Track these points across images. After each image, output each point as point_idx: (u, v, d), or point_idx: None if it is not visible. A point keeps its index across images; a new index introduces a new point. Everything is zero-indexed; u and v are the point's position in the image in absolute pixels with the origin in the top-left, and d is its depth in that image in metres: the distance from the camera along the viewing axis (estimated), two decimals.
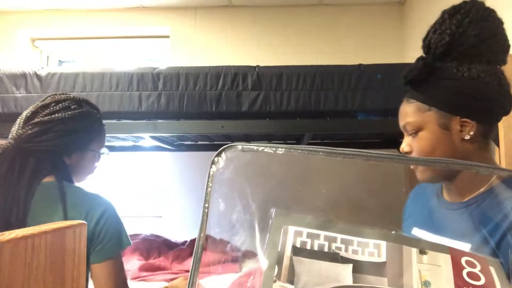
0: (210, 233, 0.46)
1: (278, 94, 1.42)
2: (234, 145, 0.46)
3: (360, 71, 1.42)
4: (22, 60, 2.68)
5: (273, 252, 0.42)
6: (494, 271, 0.42)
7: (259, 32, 2.66)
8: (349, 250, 0.43)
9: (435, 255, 0.43)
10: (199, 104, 1.42)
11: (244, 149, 0.45)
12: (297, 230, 0.44)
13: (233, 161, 0.46)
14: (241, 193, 0.46)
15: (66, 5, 2.63)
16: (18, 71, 1.47)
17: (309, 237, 0.43)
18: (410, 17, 2.52)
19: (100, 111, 1.02)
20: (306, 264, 0.41)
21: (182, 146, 2.27)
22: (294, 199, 0.47)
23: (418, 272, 0.42)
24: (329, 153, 0.44)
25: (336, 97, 1.41)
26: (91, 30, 2.72)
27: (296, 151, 0.44)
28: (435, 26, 0.73)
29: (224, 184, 0.46)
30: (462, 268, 0.42)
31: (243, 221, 0.45)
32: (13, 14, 2.68)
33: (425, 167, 0.73)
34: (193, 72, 1.44)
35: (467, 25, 0.69)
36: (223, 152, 0.46)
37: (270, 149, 0.45)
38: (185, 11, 2.68)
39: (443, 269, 0.42)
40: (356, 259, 0.42)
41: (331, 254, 0.43)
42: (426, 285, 0.41)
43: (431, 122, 0.72)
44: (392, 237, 0.45)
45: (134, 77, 1.44)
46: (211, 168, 0.46)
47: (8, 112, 1.45)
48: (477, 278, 0.41)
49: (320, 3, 2.65)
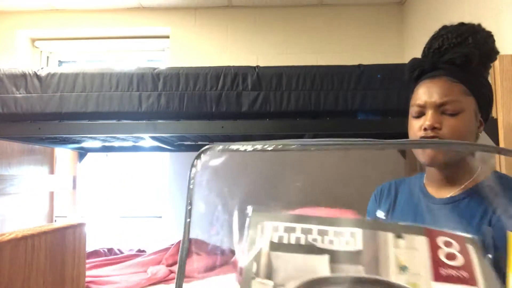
0: (197, 236, 0.48)
1: (278, 94, 1.42)
2: (213, 146, 0.47)
3: (360, 71, 1.42)
4: (22, 60, 2.68)
5: (252, 249, 0.43)
6: (473, 249, 0.43)
7: (259, 32, 2.66)
8: (325, 240, 0.43)
9: (411, 238, 0.43)
10: (199, 104, 1.42)
11: (223, 149, 0.46)
12: (274, 225, 0.44)
13: (213, 162, 0.47)
14: (222, 193, 0.47)
15: (66, 5, 2.63)
16: (18, 71, 1.47)
17: (286, 231, 0.44)
18: (410, 17, 2.52)
19: None
20: (283, 258, 0.42)
21: (182, 146, 2.27)
22: (273, 194, 0.48)
23: (394, 257, 0.42)
24: (301, 146, 0.45)
25: (336, 97, 1.41)
26: (91, 30, 2.72)
27: (270, 147, 0.44)
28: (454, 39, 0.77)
29: (205, 185, 0.47)
30: (438, 249, 0.42)
31: (224, 221, 0.46)
32: (13, 14, 2.68)
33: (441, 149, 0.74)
34: (193, 73, 1.44)
35: (491, 41, 0.79)
36: (202, 154, 0.47)
37: (246, 148, 0.45)
38: (185, 11, 2.68)
39: (420, 252, 0.42)
40: (332, 249, 0.43)
41: (308, 246, 0.43)
42: (403, 270, 0.41)
43: (471, 108, 0.75)
44: (368, 224, 0.45)
45: (134, 77, 1.44)
46: (191, 170, 0.47)
47: (8, 112, 1.45)
48: (454, 258, 0.42)
49: (320, 3, 2.65)
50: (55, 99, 1.44)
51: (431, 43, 0.80)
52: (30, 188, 2.02)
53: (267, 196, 0.47)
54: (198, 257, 1.94)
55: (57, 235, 0.73)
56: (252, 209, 0.46)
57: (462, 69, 0.75)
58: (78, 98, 1.44)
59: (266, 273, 0.41)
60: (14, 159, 1.95)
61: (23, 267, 0.58)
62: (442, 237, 0.43)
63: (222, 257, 1.83)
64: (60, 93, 1.44)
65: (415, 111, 0.78)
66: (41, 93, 1.45)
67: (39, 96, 1.45)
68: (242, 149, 0.45)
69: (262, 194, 0.48)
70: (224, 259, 1.76)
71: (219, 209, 0.47)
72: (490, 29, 0.81)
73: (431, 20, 2.20)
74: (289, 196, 0.50)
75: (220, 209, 0.47)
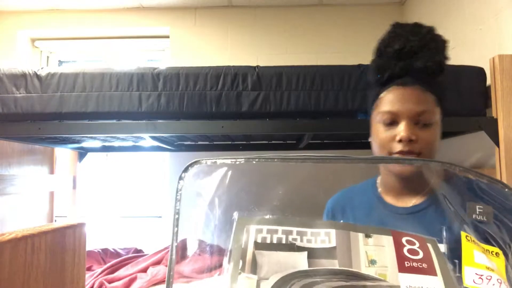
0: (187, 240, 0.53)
1: (278, 94, 1.42)
2: (199, 160, 0.52)
3: (360, 71, 1.42)
4: (22, 60, 2.68)
5: (238, 249, 0.47)
6: (431, 247, 0.49)
7: (259, 32, 2.66)
8: (304, 240, 0.48)
9: (379, 237, 0.49)
10: (199, 104, 1.42)
11: (208, 163, 0.51)
12: (258, 228, 0.49)
13: (199, 175, 0.52)
14: (209, 202, 0.52)
15: (66, 5, 2.63)
16: (18, 71, 1.47)
17: (269, 232, 0.49)
18: (410, 17, 2.52)
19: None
20: (266, 255, 0.47)
21: (182, 146, 2.27)
22: (256, 202, 0.52)
23: (365, 252, 0.47)
24: (282, 159, 0.50)
25: (336, 97, 1.41)
26: (91, 30, 2.72)
27: (253, 161, 0.50)
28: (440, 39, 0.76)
29: (193, 196, 0.52)
30: (403, 246, 0.48)
31: (213, 227, 0.52)
32: (13, 14, 2.68)
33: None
34: (193, 72, 1.44)
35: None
36: (190, 168, 0.52)
37: (230, 161, 0.50)
38: (185, 11, 2.68)
39: (387, 249, 0.48)
40: (310, 246, 0.48)
41: (288, 245, 0.48)
42: (372, 263, 0.46)
43: (439, 119, 0.75)
44: (340, 225, 0.50)
45: (134, 77, 1.44)
46: (178, 183, 0.52)
47: (8, 112, 1.45)
48: (416, 253, 0.47)
49: (320, 3, 2.65)
50: (55, 99, 1.44)
51: (389, 42, 0.76)
52: (30, 188, 2.02)
53: (252, 203, 0.52)
54: (198, 257, 1.94)
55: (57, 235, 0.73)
56: (237, 214, 0.50)
57: (432, 78, 0.74)
58: (78, 98, 1.44)
59: (251, 268, 0.45)
60: (14, 159, 1.94)
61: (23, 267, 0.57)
62: (406, 237, 0.49)
63: (222, 257, 1.83)
64: (60, 93, 1.44)
65: (385, 118, 0.74)
66: (41, 93, 1.45)
67: (39, 96, 1.45)
68: (228, 163, 0.50)
69: (247, 202, 0.53)
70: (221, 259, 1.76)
71: (208, 216, 0.51)
72: (490, 29, 0.81)
73: (431, 20, 2.20)
74: (272, 202, 0.53)
75: (209, 216, 0.51)
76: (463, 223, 0.55)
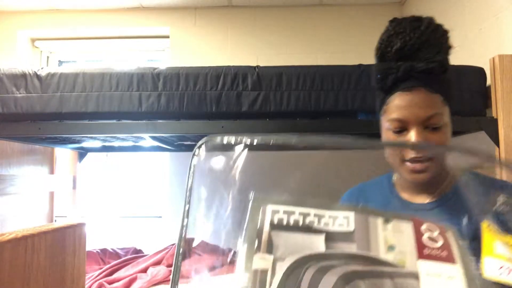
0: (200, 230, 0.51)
1: (278, 94, 1.42)
2: (214, 136, 0.49)
3: (360, 71, 1.42)
4: (22, 60, 2.68)
5: (253, 229, 0.46)
6: (451, 235, 0.48)
7: (259, 32, 2.66)
8: (321, 222, 0.47)
9: (398, 223, 0.48)
10: (199, 104, 1.42)
11: (223, 140, 0.48)
12: (274, 209, 0.48)
13: (214, 152, 0.49)
14: (222, 181, 0.49)
15: (66, 5, 2.63)
16: (18, 71, 1.47)
17: (285, 213, 0.47)
18: None
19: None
20: (283, 236, 0.45)
21: (182, 146, 2.27)
22: (271, 183, 0.50)
23: (383, 238, 0.46)
24: (300, 141, 0.49)
25: (336, 97, 1.41)
26: (91, 30, 2.72)
27: (271, 140, 0.48)
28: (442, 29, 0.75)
29: (206, 174, 0.49)
30: (422, 233, 0.47)
31: (226, 208, 0.49)
32: (13, 14, 2.68)
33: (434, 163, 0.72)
34: (193, 72, 1.44)
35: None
36: (204, 144, 0.49)
37: (246, 139, 0.48)
38: (185, 11, 2.68)
39: (406, 235, 0.47)
40: (328, 229, 0.47)
41: (305, 227, 0.46)
42: (391, 249, 0.45)
43: (449, 118, 0.73)
44: (359, 209, 0.49)
45: (134, 77, 1.44)
46: (192, 159, 0.49)
47: (8, 112, 1.45)
48: (435, 240, 0.47)
49: (320, 3, 2.65)
50: (55, 99, 1.44)
51: (389, 41, 0.74)
52: (30, 188, 2.02)
53: (268, 184, 0.50)
54: (199, 257, 1.94)
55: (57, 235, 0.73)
56: (253, 194, 0.49)
57: (437, 77, 0.72)
58: (78, 98, 1.44)
59: (267, 248, 0.44)
60: (14, 159, 1.94)
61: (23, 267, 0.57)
62: (425, 224, 0.48)
63: (222, 257, 1.83)
64: (60, 93, 1.44)
65: (394, 126, 0.73)
66: (41, 93, 1.45)
67: (39, 96, 1.45)
68: (244, 140, 0.48)
69: (263, 182, 0.51)
70: (225, 259, 1.76)
71: (222, 199, 0.49)
72: (490, 29, 0.80)
73: None
74: (289, 185, 0.53)
75: (222, 196, 0.49)
76: (484, 214, 0.54)
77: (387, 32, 0.76)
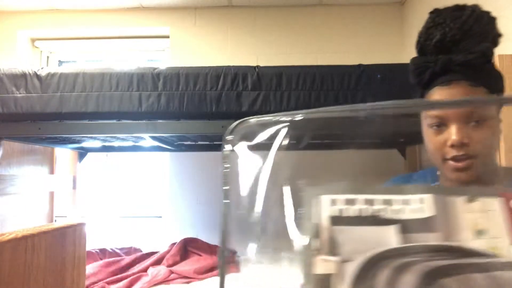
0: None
1: (278, 94, 1.42)
2: (247, 119, 0.43)
3: (360, 71, 1.42)
4: (22, 60, 2.68)
5: (309, 225, 0.39)
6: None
7: (259, 32, 2.66)
8: (391, 210, 0.40)
9: (485, 201, 0.39)
10: (199, 104, 1.42)
11: (259, 122, 0.41)
12: (332, 199, 0.40)
13: (248, 137, 0.42)
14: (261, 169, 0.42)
15: (66, 5, 2.63)
16: (18, 71, 1.47)
17: (345, 203, 0.40)
18: (410, 17, 2.52)
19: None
20: (347, 232, 0.38)
21: (182, 146, 2.27)
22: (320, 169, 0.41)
23: (469, 221, 0.38)
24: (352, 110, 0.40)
25: (336, 97, 1.41)
26: (91, 30, 2.72)
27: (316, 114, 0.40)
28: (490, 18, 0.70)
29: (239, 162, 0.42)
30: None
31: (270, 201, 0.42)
32: (13, 14, 2.68)
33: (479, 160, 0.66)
34: (193, 72, 1.44)
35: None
36: (236, 128, 0.43)
37: (286, 117, 0.41)
38: (185, 11, 2.68)
39: (496, 214, 0.38)
40: (400, 218, 0.39)
41: (372, 217, 0.39)
42: (480, 234, 0.38)
43: (494, 111, 0.68)
44: (435, 189, 0.40)
45: (134, 77, 1.44)
46: (224, 149, 0.42)
47: (8, 112, 1.45)
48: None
49: (320, 3, 2.65)
50: (55, 99, 1.44)
51: (428, 33, 0.70)
52: (30, 188, 2.02)
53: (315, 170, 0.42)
54: (199, 257, 1.94)
55: (57, 235, 0.73)
56: (303, 183, 0.41)
57: (479, 69, 0.66)
58: (78, 98, 1.44)
59: (329, 249, 0.37)
60: (14, 159, 1.94)
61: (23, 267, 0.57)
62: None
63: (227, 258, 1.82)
64: (60, 93, 1.44)
65: (433, 122, 0.69)
66: (41, 93, 1.45)
67: (39, 96, 1.45)
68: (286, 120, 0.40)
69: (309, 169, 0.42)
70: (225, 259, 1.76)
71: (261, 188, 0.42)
72: None
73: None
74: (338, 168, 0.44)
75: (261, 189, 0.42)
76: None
77: (426, 24, 0.71)
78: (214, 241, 2.46)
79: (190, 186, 2.57)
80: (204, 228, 2.56)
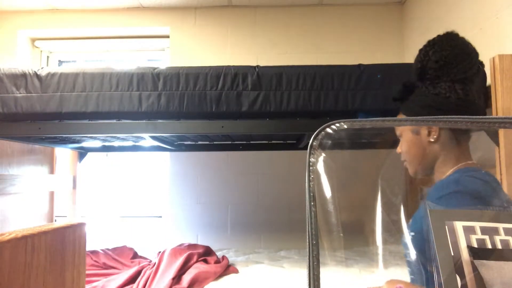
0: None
1: (278, 94, 1.42)
2: (333, 123, 0.39)
3: (360, 71, 1.42)
4: (22, 60, 2.68)
5: (446, 257, 0.33)
6: None
7: (259, 32, 2.66)
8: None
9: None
10: (199, 104, 1.42)
11: (348, 126, 0.38)
12: (467, 226, 0.34)
13: (334, 143, 0.38)
14: (346, 178, 0.38)
15: (66, 5, 2.63)
16: (18, 71, 1.47)
17: (485, 233, 0.34)
18: (410, 17, 2.52)
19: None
20: (495, 268, 0.32)
21: (182, 146, 2.27)
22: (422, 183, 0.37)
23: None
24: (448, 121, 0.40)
25: (336, 97, 1.41)
26: (91, 30, 2.72)
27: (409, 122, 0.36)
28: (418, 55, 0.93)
29: (329, 171, 0.39)
30: None
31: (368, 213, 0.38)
32: (13, 14, 2.68)
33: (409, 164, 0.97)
34: (193, 72, 1.44)
35: (431, 54, 0.88)
36: (322, 132, 0.39)
37: (376, 123, 0.38)
38: (185, 11, 2.68)
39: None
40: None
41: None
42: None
43: (407, 130, 0.95)
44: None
45: (134, 77, 1.44)
46: (310, 156, 0.39)
47: (8, 112, 1.45)
48: None
49: (320, 3, 2.65)
50: (55, 99, 1.44)
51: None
52: (30, 188, 2.02)
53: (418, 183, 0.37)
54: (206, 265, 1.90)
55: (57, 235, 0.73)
56: (428, 207, 0.36)
57: (403, 100, 0.99)
58: (78, 98, 1.44)
59: (476, 287, 0.32)
60: (14, 159, 1.94)
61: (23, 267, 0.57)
62: None
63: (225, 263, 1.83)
64: (60, 93, 1.44)
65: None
66: (41, 93, 1.45)
67: (39, 96, 1.45)
68: (377, 124, 0.37)
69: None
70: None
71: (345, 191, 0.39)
72: (490, 29, 0.80)
73: (431, 20, 2.20)
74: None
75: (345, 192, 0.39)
76: None
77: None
78: (215, 241, 2.46)
79: (190, 186, 2.58)
80: (204, 228, 2.56)
